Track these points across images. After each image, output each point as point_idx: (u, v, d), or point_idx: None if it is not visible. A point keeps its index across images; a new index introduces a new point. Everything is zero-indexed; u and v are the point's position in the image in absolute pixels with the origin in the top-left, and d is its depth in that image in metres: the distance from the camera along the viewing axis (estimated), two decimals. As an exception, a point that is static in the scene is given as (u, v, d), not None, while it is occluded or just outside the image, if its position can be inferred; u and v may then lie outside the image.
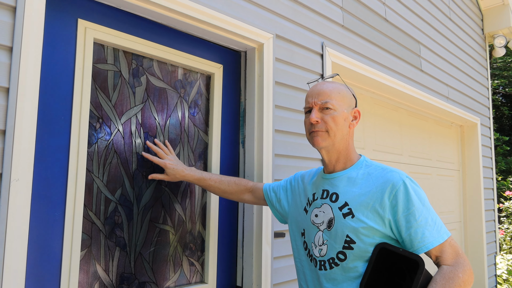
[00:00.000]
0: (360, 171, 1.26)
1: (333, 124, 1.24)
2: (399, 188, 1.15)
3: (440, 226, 1.15)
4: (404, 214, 1.13)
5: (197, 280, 1.66)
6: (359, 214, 1.17)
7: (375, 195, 1.17)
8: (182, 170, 1.49)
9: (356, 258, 1.16)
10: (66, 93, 1.30)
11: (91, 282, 1.34)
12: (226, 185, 1.55)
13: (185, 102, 1.67)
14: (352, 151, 1.32)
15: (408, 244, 1.14)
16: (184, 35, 1.67)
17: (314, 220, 1.28)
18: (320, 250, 1.24)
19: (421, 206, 1.14)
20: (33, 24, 1.13)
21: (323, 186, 1.32)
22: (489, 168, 4.46)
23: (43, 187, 1.22)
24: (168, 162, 1.48)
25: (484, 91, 4.45)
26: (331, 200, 1.26)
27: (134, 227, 1.47)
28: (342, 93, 1.28)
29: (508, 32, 4.51)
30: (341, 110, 1.26)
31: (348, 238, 1.17)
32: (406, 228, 1.13)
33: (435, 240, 1.12)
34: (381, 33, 2.75)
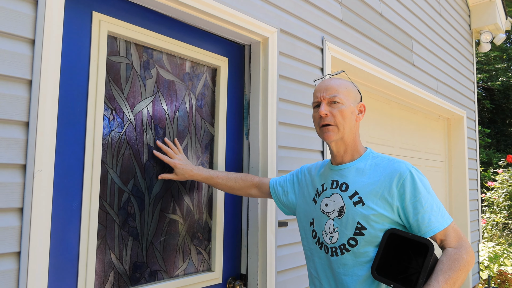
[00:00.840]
0: (368, 162, 1.34)
1: (341, 117, 1.31)
2: (406, 177, 1.23)
3: (443, 212, 1.24)
4: (411, 201, 1.21)
5: (204, 268, 1.70)
6: (369, 202, 1.25)
7: (383, 184, 1.25)
8: (191, 170, 1.53)
9: (366, 243, 1.24)
10: (81, 85, 1.31)
11: (106, 271, 1.37)
12: (233, 182, 1.59)
13: (192, 94, 1.70)
14: (359, 143, 1.39)
15: (416, 229, 1.22)
16: (191, 29, 1.70)
17: (324, 209, 1.35)
18: (331, 237, 1.31)
19: (427, 194, 1.22)
20: (54, 16, 1.14)
21: (332, 177, 1.38)
22: (474, 160, 4.61)
23: (62, 178, 1.24)
24: (178, 162, 1.52)
25: (470, 85, 4.58)
26: (341, 190, 1.33)
27: (146, 217, 1.50)
28: (348, 88, 1.36)
29: (494, 28, 4.64)
30: (348, 104, 1.34)
31: (359, 224, 1.25)
32: (414, 214, 1.21)
33: (440, 224, 1.20)
34: (376, 28, 2.81)
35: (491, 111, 14.61)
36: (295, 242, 1.99)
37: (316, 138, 2.16)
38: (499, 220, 5.86)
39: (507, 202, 5.89)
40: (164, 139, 1.57)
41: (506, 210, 5.88)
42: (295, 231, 1.99)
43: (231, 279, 1.77)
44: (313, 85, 2.17)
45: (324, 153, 2.19)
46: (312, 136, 2.13)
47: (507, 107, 14.62)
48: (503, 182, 6.02)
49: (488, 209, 6.14)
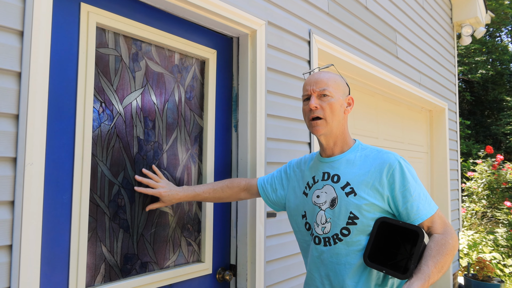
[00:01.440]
0: (358, 153, 1.38)
1: (330, 110, 1.34)
2: (395, 168, 1.28)
3: (430, 200, 1.30)
4: (400, 190, 1.26)
5: (194, 259, 1.72)
6: (361, 192, 1.29)
7: (374, 174, 1.30)
8: (177, 193, 1.51)
9: (359, 232, 1.28)
10: (71, 78, 1.30)
11: (97, 263, 1.38)
12: (220, 192, 1.59)
13: (181, 86, 1.70)
14: (348, 135, 1.43)
15: (405, 216, 1.27)
16: (180, 21, 1.69)
17: (316, 201, 1.38)
18: (324, 228, 1.34)
19: (414, 183, 1.28)
20: (42, 7, 1.13)
21: (323, 169, 1.41)
22: (455, 151, 4.73)
23: (52, 171, 1.24)
24: (163, 191, 1.49)
25: (452, 77, 4.68)
26: (333, 181, 1.36)
27: (136, 209, 1.51)
28: (337, 81, 1.39)
29: (474, 21, 4.73)
30: (338, 97, 1.36)
31: (351, 214, 1.29)
32: (403, 202, 1.26)
33: (428, 212, 1.27)
34: (362, 21, 2.84)
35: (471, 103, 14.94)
36: (284, 233, 2.02)
37: (303, 130, 2.18)
38: (478, 209, 6.05)
39: (486, 191, 6.07)
40: (142, 170, 1.52)
41: (485, 199, 6.06)
42: (283, 222, 2.02)
43: (220, 270, 1.80)
44: (301, 77, 2.19)
45: (312, 144, 2.22)
46: (300, 128, 2.16)
47: (486, 99, 14.97)
48: (482, 172, 6.19)
49: (468, 198, 6.32)
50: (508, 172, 6.00)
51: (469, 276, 4.85)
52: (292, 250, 2.06)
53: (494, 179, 6.01)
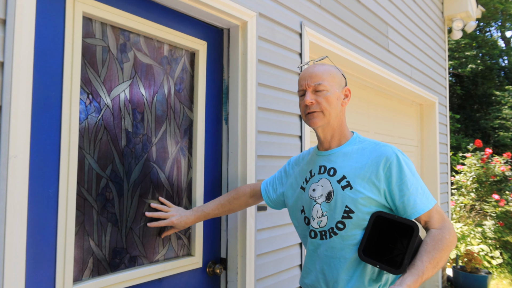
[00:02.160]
0: (355, 146, 1.36)
1: (326, 104, 1.32)
2: (393, 161, 1.26)
3: (428, 194, 1.27)
4: (397, 184, 1.24)
5: (184, 253, 1.71)
6: (357, 186, 1.27)
7: (370, 167, 1.27)
8: (188, 218, 1.56)
9: (354, 226, 1.26)
10: (56, 68, 1.27)
11: (85, 257, 1.36)
12: (228, 205, 1.62)
13: (171, 78, 1.68)
14: (345, 128, 1.41)
15: (402, 210, 1.25)
16: (170, 11, 1.66)
17: (312, 194, 1.37)
18: (320, 222, 1.33)
19: (412, 177, 1.25)
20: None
21: (319, 162, 1.40)
22: (444, 144, 4.76)
23: (37, 164, 1.21)
24: (175, 219, 1.54)
25: (442, 71, 4.70)
26: (329, 175, 1.34)
27: (125, 202, 1.49)
28: (332, 74, 1.36)
29: (465, 15, 4.75)
30: (333, 90, 1.34)
31: (347, 208, 1.27)
32: (400, 196, 1.24)
33: (425, 206, 1.24)
34: (354, 14, 2.83)
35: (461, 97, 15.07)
36: (274, 226, 2.02)
37: (295, 123, 2.17)
38: (467, 202, 6.11)
39: (475, 185, 6.13)
40: (151, 205, 1.55)
41: (473, 192, 6.12)
42: (274, 215, 2.02)
43: (211, 263, 1.79)
44: (293, 70, 2.17)
45: (303, 138, 2.21)
46: (291, 121, 2.15)
47: (475, 94, 15.10)
48: (471, 166, 6.25)
49: (457, 191, 6.38)
50: (496, 165, 6.07)
51: (457, 268, 4.92)
52: (282, 243, 2.06)
53: (483, 172, 6.07)
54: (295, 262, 2.15)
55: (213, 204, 1.62)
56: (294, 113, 2.17)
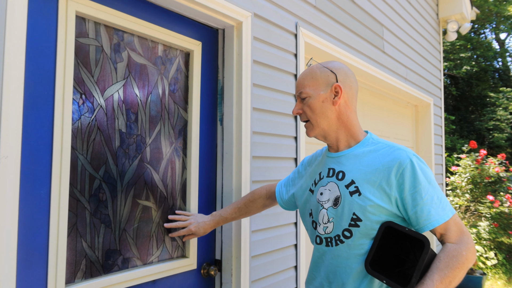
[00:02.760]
0: (366, 148, 1.26)
1: (310, 112, 1.27)
2: (406, 167, 1.15)
3: (445, 204, 1.16)
4: (410, 192, 1.13)
5: (179, 254, 1.70)
6: (366, 192, 1.17)
7: (382, 173, 1.17)
8: (206, 224, 1.59)
9: (362, 235, 1.17)
10: (48, 68, 1.25)
11: (78, 259, 1.34)
12: (245, 208, 1.61)
13: (165, 79, 1.66)
14: (354, 128, 1.30)
15: (414, 221, 1.15)
16: (164, 11, 1.65)
17: (319, 198, 1.29)
18: (326, 228, 1.25)
19: (427, 184, 1.14)
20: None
21: (328, 164, 1.32)
22: (439, 146, 4.78)
23: (29, 165, 1.19)
24: (193, 227, 1.58)
25: (437, 73, 4.72)
26: (337, 178, 1.26)
27: (118, 204, 1.47)
28: (314, 75, 1.29)
29: (460, 17, 4.77)
30: (317, 93, 1.27)
31: (354, 216, 1.18)
32: (412, 206, 1.13)
33: (441, 218, 1.13)
34: (349, 15, 2.83)
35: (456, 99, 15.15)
36: (269, 227, 2.01)
37: (290, 124, 2.17)
38: (462, 203, 6.13)
39: (469, 186, 6.16)
40: (169, 217, 1.61)
41: (468, 193, 6.15)
42: (269, 216, 2.01)
43: (205, 265, 1.78)
44: (287, 71, 2.17)
45: (298, 139, 2.21)
46: (286, 122, 2.14)
47: (470, 95, 15.20)
48: (466, 167, 6.27)
49: (452, 192, 6.41)
50: (491, 166, 6.10)
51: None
52: (277, 244, 2.05)
53: (478, 173, 6.10)
54: (290, 263, 2.14)
55: (231, 208, 1.61)
56: (289, 114, 2.16)
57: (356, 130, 1.30)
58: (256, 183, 1.93)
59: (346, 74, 1.30)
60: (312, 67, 1.32)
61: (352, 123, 1.29)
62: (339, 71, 1.29)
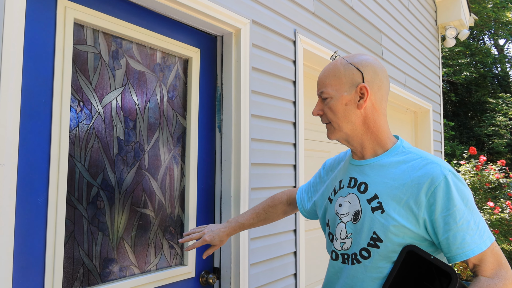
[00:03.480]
0: (395, 158, 1.11)
1: (331, 114, 1.14)
2: (440, 184, 1.00)
3: (483, 231, 1.00)
4: (442, 215, 0.99)
5: (177, 262, 1.68)
6: (390, 210, 1.04)
7: (410, 189, 1.03)
8: (221, 232, 1.46)
9: (381, 258, 1.05)
10: (46, 75, 1.25)
11: (75, 268, 1.33)
12: (264, 214, 1.50)
13: (163, 86, 1.66)
14: (382, 134, 1.15)
15: (445, 248, 1.01)
16: (163, 18, 1.65)
17: (338, 210, 1.17)
18: (343, 244, 1.13)
19: (463, 207, 0.99)
20: (15, 1, 1.08)
21: (350, 173, 1.19)
22: (439, 152, 4.77)
23: (26, 173, 1.19)
24: (207, 237, 1.44)
25: (436, 79, 4.73)
26: (359, 191, 1.13)
27: (116, 211, 1.46)
28: (337, 73, 1.13)
29: (458, 24, 4.79)
30: (339, 94, 1.12)
31: (375, 235, 1.05)
32: (444, 230, 0.99)
33: (477, 247, 0.98)
34: (347, 22, 2.84)
35: (455, 105, 15.18)
36: (268, 235, 2.00)
37: (289, 131, 2.16)
38: (462, 209, 6.11)
39: (470, 192, 6.15)
40: (183, 234, 1.50)
41: (468, 199, 6.13)
42: (268, 224, 1.99)
43: (204, 273, 1.76)
44: (286, 78, 2.17)
45: (297, 145, 2.20)
46: (285, 129, 2.14)
47: (469, 101, 15.23)
48: (465, 173, 6.27)
49: (452, 199, 6.39)
50: (491, 173, 6.09)
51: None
52: (277, 252, 2.04)
53: (478, 179, 6.09)
54: (289, 271, 2.12)
55: (248, 214, 1.50)
56: (288, 120, 2.16)
57: (384, 136, 1.15)
58: (255, 190, 1.92)
59: (375, 72, 1.13)
60: (336, 63, 1.16)
61: (380, 129, 1.14)
62: (367, 68, 1.13)
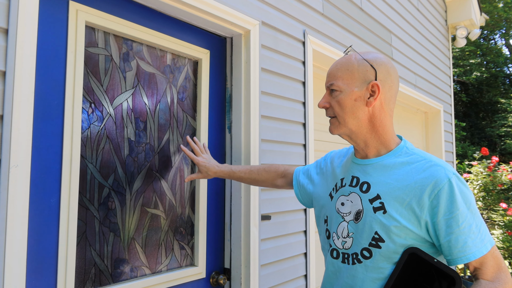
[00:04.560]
0: (398, 159, 1.11)
1: (339, 108, 1.12)
2: (443, 187, 1.00)
3: (484, 235, 1.01)
4: (445, 218, 1.00)
5: (188, 263, 1.69)
6: (392, 211, 1.04)
7: (413, 191, 1.03)
8: (214, 167, 1.56)
9: (383, 258, 1.05)
10: (58, 77, 1.27)
11: (87, 268, 1.34)
12: (256, 174, 1.55)
13: (173, 87, 1.67)
14: (387, 134, 1.14)
15: (446, 251, 1.02)
16: (172, 20, 1.66)
17: (340, 209, 1.16)
18: (344, 243, 1.13)
19: (466, 210, 1.00)
20: (28, 4, 1.10)
21: (353, 172, 1.18)
22: (450, 152, 4.72)
23: (39, 174, 1.20)
24: (201, 160, 1.57)
25: (447, 79, 4.68)
26: (361, 190, 1.12)
27: (127, 212, 1.47)
28: (350, 68, 1.12)
29: (469, 23, 4.74)
30: (350, 89, 1.11)
31: (376, 235, 1.05)
32: (446, 233, 1.00)
33: (478, 250, 0.99)
34: (356, 22, 2.83)
35: (466, 105, 15.01)
36: (278, 236, 1.99)
37: (298, 132, 2.16)
38: (474, 211, 6.04)
39: (482, 193, 6.06)
40: (193, 138, 1.65)
41: (480, 201, 6.05)
42: (278, 225, 1.99)
43: (214, 274, 1.76)
44: (296, 78, 2.17)
45: (307, 146, 2.20)
46: (294, 129, 2.13)
47: (480, 101, 15.05)
48: (477, 174, 6.19)
49: (464, 200, 6.31)
50: (503, 173, 6.00)
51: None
52: (287, 253, 2.03)
53: (490, 180, 6.01)
54: (300, 272, 2.11)
55: (243, 167, 1.58)
56: (298, 121, 2.16)
57: (389, 137, 1.15)
58: (265, 191, 1.92)
59: (388, 71, 1.12)
60: (349, 57, 1.14)
61: (385, 129, 1.14)
62: (381, 67, 1.12)
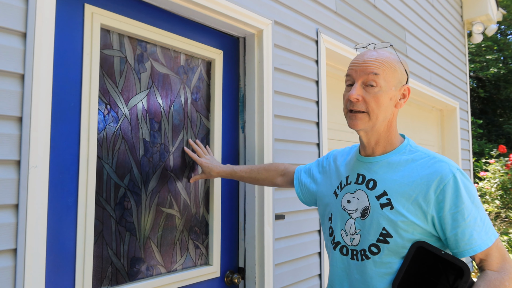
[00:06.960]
0: (403, 156, 1.13)
1: (375, 105, 1.09)
2: (448, 182, 1.03)
3: (488, 227, 1.05)
4: (451, 212, 1.02)
5: (202, 262, 1.70)
6: (399, 206, 1.06)
7: (419, 186, 1.06)
8: (216, 167, 1.59)
9: (391, 253, 1.07)
10: (75, 79, 1.29)
11: (104, 266, 1.36)
12: (256, 173, 1.57)
13: (187, 88, 1.69)
14: (394, 133, 1.18)
15: (453, 244, 1.04)
16: (186, 21, 1.67)
17: (346, 206, 1.18)
18: (352, 239, 1.14)
19: (471, 204, 1.03)
20: (45, 8, 1.12)
21: (358, 169, 1.20)
22: (466, 150, 4.65)
23: (57, 174, 1.23)
24: (204, 161, 1.60)
25: (463, 76, 4.60)
26: (367, 187, 1.14)
27: (143, 212, 1.49)
28: (393, 66, 1.10)
29: (485, 19, 4.65)
30: (389, 87, 1.10)
31: (384, 231, 1.07)
32: (452, 227, 1.03)
33: (483, 242, 1.02)
34: (370, 20, 2.80)
35: (483, 102, 14.74)
36: (293, 235, 1.99)
37: (312, 131, 2.15)
38: (492, 210, 5.93)
39: (499, 192, 5.95)
40: (196, 141, 1.68)
41: (498, 199, 5.94)
42: (292, 224, 1.99)
43: (229, 273, 1.77)
44: (309, 77, 2.16)
45: (320, 145, 2.19)
46: (308, 129, 2.13)
47: (497, 98, 14.75)
48: (495, 172, 6.08)
49: (481, 199, 6.21)
50: (522, 171, 5.89)
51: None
52: (301, 252, 2.03)
53: (508, 179, 5.89)
54: (314, 271, 2.11)
55: (244, 166, 1.62)
56: (312, 120, 2.15)
57: (395, 135, 1.18)
58: (278, 191, 1.92)
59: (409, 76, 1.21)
60: (390, 56, 1.13)
61: (394, 128, 1.18)
62: (408, 72, 1.17)
